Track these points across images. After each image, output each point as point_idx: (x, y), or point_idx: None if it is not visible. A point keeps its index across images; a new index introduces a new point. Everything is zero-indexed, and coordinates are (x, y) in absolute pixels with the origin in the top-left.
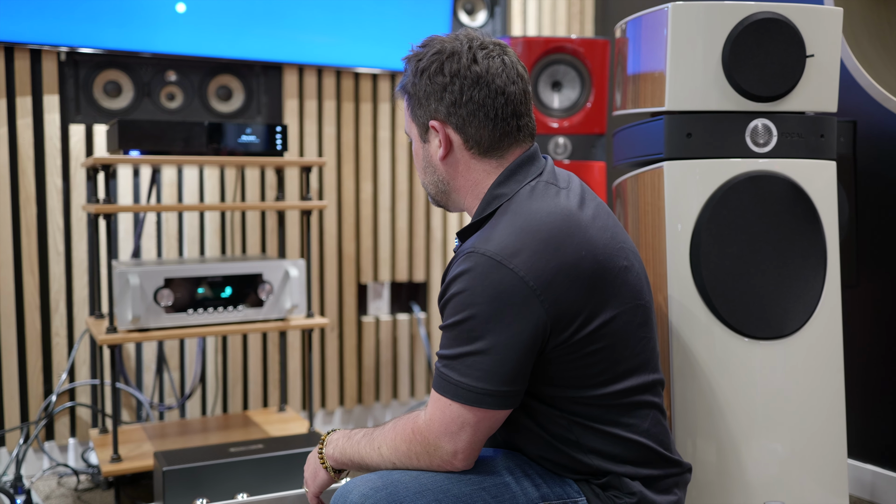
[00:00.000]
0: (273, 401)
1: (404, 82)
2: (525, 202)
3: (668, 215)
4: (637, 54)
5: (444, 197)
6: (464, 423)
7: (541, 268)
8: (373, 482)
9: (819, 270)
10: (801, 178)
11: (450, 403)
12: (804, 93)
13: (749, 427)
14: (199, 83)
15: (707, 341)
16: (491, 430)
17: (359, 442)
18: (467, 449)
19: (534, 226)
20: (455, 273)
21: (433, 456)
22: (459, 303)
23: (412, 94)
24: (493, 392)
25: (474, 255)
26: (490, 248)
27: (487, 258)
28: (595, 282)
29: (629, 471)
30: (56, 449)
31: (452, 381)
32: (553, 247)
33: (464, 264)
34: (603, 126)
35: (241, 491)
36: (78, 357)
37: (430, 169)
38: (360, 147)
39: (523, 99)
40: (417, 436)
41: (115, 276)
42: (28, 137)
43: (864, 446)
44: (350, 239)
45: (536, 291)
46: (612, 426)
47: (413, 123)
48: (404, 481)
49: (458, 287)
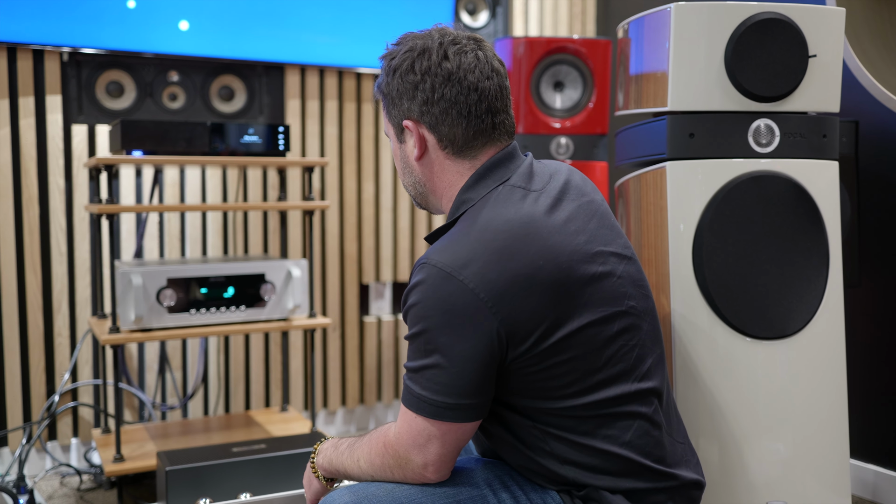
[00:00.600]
0: (275, 401)
1: (379, 82)
2: (484, 209)
3: (671, 215)
4: (640, 54)
5: (423, 199)
6: (430, 435)
7: (492, 279)
8: (351, 495)
9: (821, 270)
10: (804, 178)
11: (415, 417)
12: (806, 93)
13: (752, 427)
14: (202, 83)
15: (709, 341)
16: (460, 442)
17: (343, 453)
18: (437, 461)
19: (487, 235)
20: (411, 284)
21: (405, 469)
22: (414, 315)
23: (386, 94)
24: (453, 405)
25: (426, 267)
26: (441, 258)
27: (438, 269)
28: (556, 290)
29: (608, 483)
30: (58, 449)
31: (415, 395)
32: (506, 256)
33: (418, 275)
34: (605, 126)
35: (244, 491)
36: (80, 357)
37: (407, 170)
38: (362, 147)
39: (499, 95)
40: (389, 449)
41: (118, 276)
42: (31, 138)
43: (865, 446)
44: (352, 239)
45: (488, 304)
46: (588, 437)
47: (389, 124)
48: (379, 495)
49: (413, 299)
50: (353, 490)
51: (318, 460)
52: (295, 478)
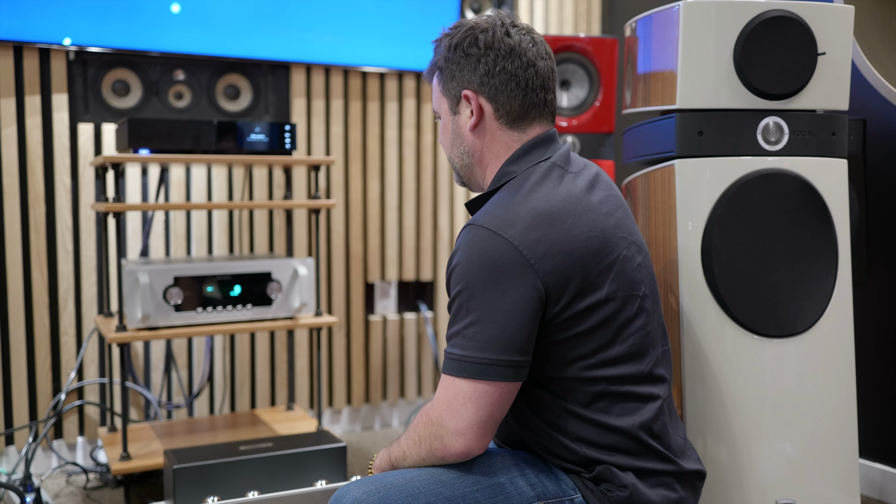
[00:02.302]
0: (281, 399)
1: (435, 60)
2: (527, 181)
3: (680, 213)
4: (648, 52)
5: (467, 171)
6: (466, 397)
7: (535, 239)
8: (366, 485)
9: (830, 268)
10: (813, 176)
11: (452, 380)
12: (815, 91)
13: (760, 425)
14: (207, 82)
15: (718, 339)
16: (494, 410)
17: (393, 447)
18: (471, 429)
19: (530, 203)
20: (456, 246)
21: (436, 436)
22: (458, 274)
23: (444, 69)
24: (494, 361)
25: (472, 228)
26: (486, 220)
27: (483, 229)
28: (588, 261)
29: (620, 461)
30: (65, 447)
31: (454, 357)
32: (547, 223)
33: (463, 236)
34: (611, 125)
35: (252, 489)
36: (86, 356)
37: (458, 141)
38: (367, 146)
39: (551, 75)
40: (424, 418)
41: (124, 274)
42: (37, 136)
43: (872, 445)
44: (357, 238)
45: (531, 260)
46: (602, 414)
47: (444, 97)
48: (396, 484)
49: (457, 259)
50: (369, 481)
51: (375, 464)
52: (302, 476)
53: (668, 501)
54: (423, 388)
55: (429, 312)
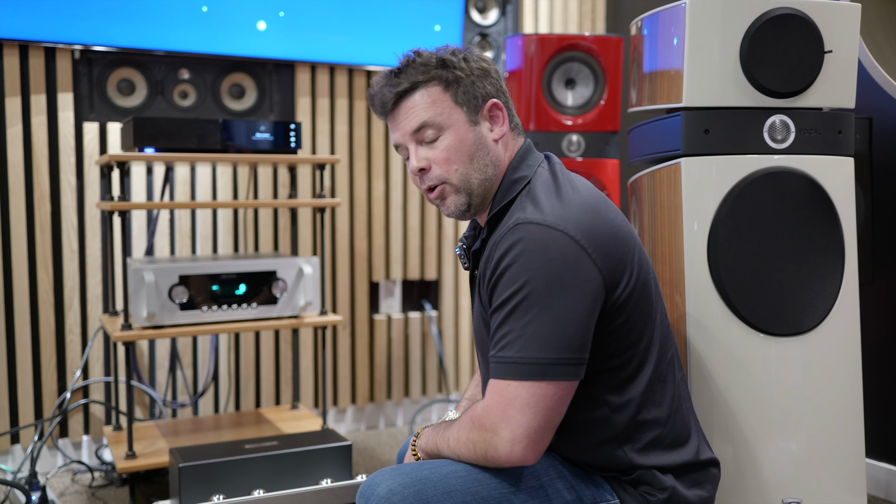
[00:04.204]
0: (285, 398)
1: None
2: (553, 176)
3: (686, 212)
4: (654, 50)
5: (486, 187)
6: (522, 404)
7: (589, 230)
8: (401, 477)
9: (837, 267)
10: (819, 174)
11: (507, 384)
12: (822, 89)
13: (766, 424)
14: (212, 81)
15: (724, 338)
16: (552, 413)
17: (440, 433)
18: (527, 437)
19: (572, 196)
20: (505, 247)
21: (490, 445)
22: (514, 274)
23: (460, 79)
24: (555, 360)
25: (523, 226)
26: (537, 216)
27: (536, 225)
28: (630, 244)
29: (658, 461)
30: (70, 446)
31: (509, 360)
32: (592, 212)
33: (513, 236)
34: (616, 123)
35: (257, 487)
36: (91, 354)
37: (482, 151)
38: (372, 145)
39: None
40: (476, 423)
41: (130, 273)
42: (42, 135)
43: (879, 445)
44: (362, 237)
45: (588, 250)
46: (640, 408)
47: (458, 109)
48: (433, 479)
49: (511, 258)
50: (404, 472)
51: (419, 443)
52: (308, 474)
53: (701, 501)
54: (428, 388)
55: (433, 311)
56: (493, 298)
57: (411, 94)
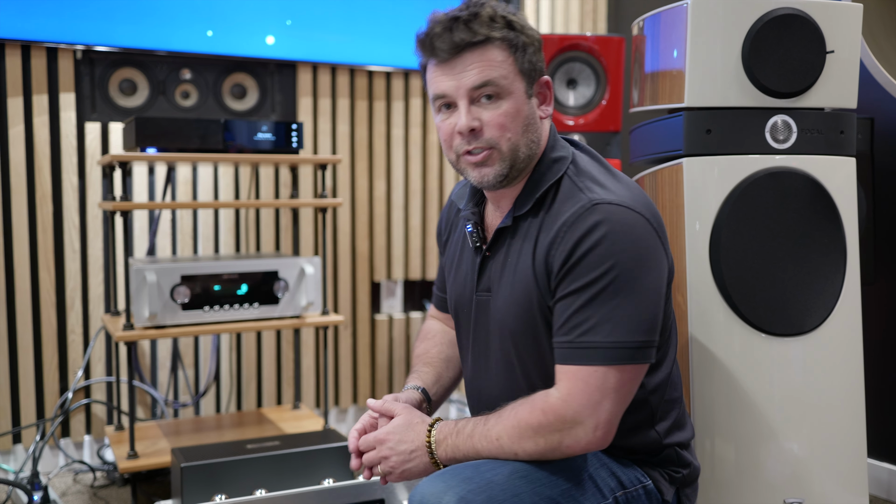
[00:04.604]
0: (287, 398)
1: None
2: (594, 158)
3: (688, 212)
4: (655, 51)
5: (526, 164)
6: (607, 389)
7: (652, 210)
8: (467, 483)
9: (839, 267)
10: (821, 174)
11: (592, 371)
12: (824, 89)
13: (768, 424)
14: (214, 81)
15: (726, 338)
16: (630, 396)
17: (471, 436)
18: (609, 421)
19: (625, 179)
20: (586, 228)
21: (567, 436)
22: (599, 256)
23: (526, 46)
24: (640, 343)
25: (601, 206)
26: (611, 196)
27: (615, 206)
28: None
29: (678, 439)
30: (72, 446)
31: (596, 345)
32: (644, 196)
33: (593, 216)
34: (618, 124)
35: (259, 487)
36: (93, 354)
37: (531, 128)
38: (373, 145)
39: None
40: (550, 416)
41: (132, 273)
42: (44, 135)
43: (881, 445)
44: (363, 237)
45: (658, 232)
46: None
47: (520, 78)
48: (498, 482)
49: (595, 240)
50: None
51: (438, 452)
52: (310, 474)
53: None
54: None
55: None
56: (570, 281)
57: (480, 48)
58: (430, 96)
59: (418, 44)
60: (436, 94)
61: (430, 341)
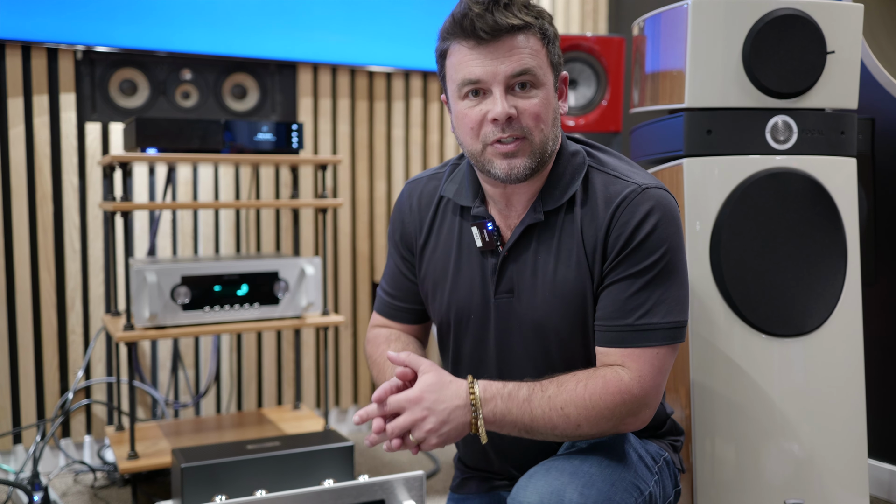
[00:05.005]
0: (288, 398)
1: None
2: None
3: (688, 212)
4: (656, 51)
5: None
6: (666, 369)
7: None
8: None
9: (839, 267)
10: (822, 175)
11: (657, 352)
12: (824, 89)
13: (769, 425)
14: (214, 81)
15: (727, 339)
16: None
17: (528, 400)
18: (660, 399)
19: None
20: (642, 214)
21: (637, 416)
22: (656, 240)
23: (554, 37)
24: (685, 321)
25: (649, 191)
26: (649, 181)
27: (661, 191)
28: None
29: (670, 409)
30: (72, 446)
31: (657, 326)
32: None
33: (647, 202)
34: (619, 124)
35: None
36: (94, 355)
37: (557, 122)
38: (374, 145)
39: None
40: (626, 396)
41: (132, 273)
42: (44, 136)
43: (881, 445)
44: (364, 237)
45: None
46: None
47: (550, 69)
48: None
49: (651, 225)
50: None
51: (485, 411)
52: (309, 475)
53: None
54: None
55: None
56: (628, 265)
57: (520, 34)
58: (453, 82)
59: (452, 24)
60: (467, 79)
61: (396, 344)
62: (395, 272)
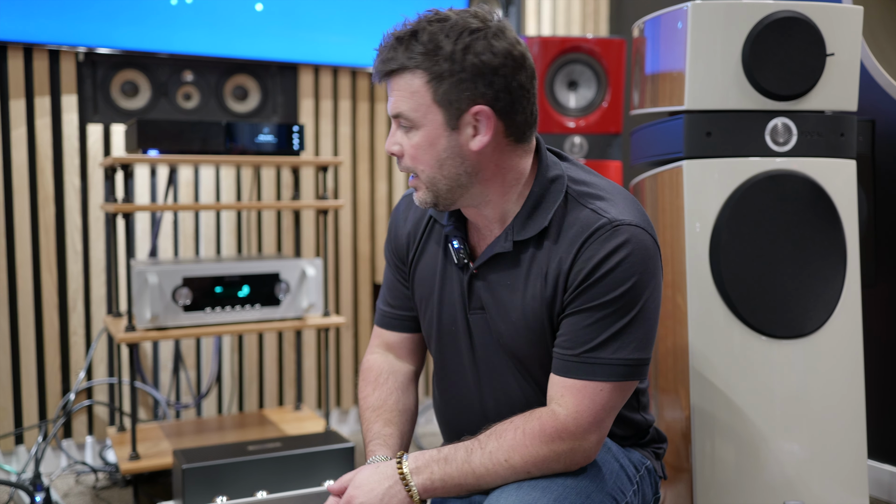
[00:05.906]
0: (289, 399)
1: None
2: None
3: (688, 214)
4: (656, 53)
5: (457, 193)
6: (611, 406)
7: (653, 229)
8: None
9: (839, 269)
10: (821, 177)
11: (601, 388)
12: (824, 91)
13: (768, 426)
14: (216, 83)
15: (726, 340)
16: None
17: (468, 461)
18: (603, 436)
19: (629, 197)
20: (610, 249)
21: (577, 452)
22: (619, 276)
23: (445, 75)
24: (645, 360)
25: (624, 227)
26: (629, 217)
27: (636, 227)
28: None
29: (652, 418)
30: (74, 447)
31: (604, 362)
32: (642, 208)
33: (618, 237)
34: (619, 125)
35: (260, 489)
36: (95, 356)
37: (453, 161)
38: (375, 147)
39: None
40: (562, 433)
41: (133, 274)
42: (46, 137)
43: (881, 447)
44: (365, 238)
45: (659, 251)
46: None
47: (436, 107)
48: (572, 486)
49: (616, 260)
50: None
51: (417, 481)
52: (311, 476)
53: None
54: (429, 389)
55: None
56: (586, 299)
57: (402, 76)
58: None
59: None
60: None
61: (382, 388)
62: (393, 282)
